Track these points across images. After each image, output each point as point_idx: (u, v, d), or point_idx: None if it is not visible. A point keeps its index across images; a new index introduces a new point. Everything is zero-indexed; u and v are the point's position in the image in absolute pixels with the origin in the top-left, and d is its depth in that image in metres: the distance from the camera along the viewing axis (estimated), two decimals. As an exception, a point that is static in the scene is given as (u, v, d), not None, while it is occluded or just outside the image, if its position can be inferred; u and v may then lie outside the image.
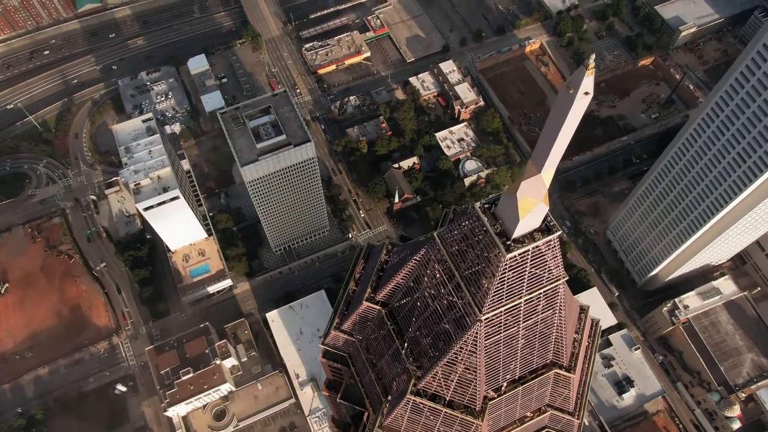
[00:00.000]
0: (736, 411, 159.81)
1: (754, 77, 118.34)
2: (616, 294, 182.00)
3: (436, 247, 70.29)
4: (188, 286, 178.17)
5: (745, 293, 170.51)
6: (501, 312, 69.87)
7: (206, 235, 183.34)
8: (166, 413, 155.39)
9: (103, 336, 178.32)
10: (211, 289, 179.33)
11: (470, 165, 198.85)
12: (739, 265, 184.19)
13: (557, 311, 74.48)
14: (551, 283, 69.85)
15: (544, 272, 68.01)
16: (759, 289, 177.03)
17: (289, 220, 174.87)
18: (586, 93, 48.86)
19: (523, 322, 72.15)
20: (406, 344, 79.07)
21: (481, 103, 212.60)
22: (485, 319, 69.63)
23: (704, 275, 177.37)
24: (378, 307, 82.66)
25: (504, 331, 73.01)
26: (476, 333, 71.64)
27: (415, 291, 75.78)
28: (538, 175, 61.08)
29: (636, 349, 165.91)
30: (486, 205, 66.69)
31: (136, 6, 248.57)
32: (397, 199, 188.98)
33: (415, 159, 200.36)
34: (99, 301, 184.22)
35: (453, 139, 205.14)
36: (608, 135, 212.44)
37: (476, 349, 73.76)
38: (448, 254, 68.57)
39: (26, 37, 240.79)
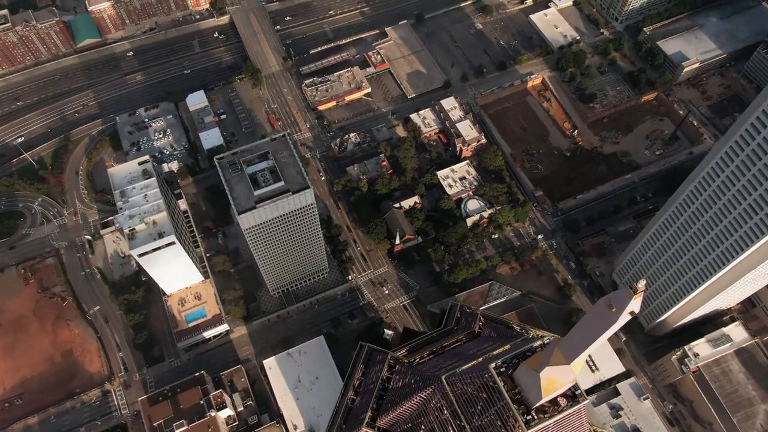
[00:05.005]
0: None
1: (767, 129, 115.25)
2: (623, 339, 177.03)
3: (443, 390, 65.16)
4: (184, 332, 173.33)
5: (756, 340, 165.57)
6: None
7: (203, 278, 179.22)
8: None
9: (96, 383, 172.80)
10: (207, 334, 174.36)
11: (473, 204, 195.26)
12: (749, 308, 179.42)
13: None
14: None
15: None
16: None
17: (288, 264, 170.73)
18: (632, 313, 44.73)
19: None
20: None
21: (483, 140, 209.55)
22: None
23: (713, 319, 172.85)
24: None
25: None
26: None
27: (419, 423, 70.50)
28: (567, 365, 56.43)
29: (645, 399, 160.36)
30: (502, 368, 60.86)
31: (135, 41, 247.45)
32: (398, 241, 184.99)
33: (416, 198, 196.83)
34: (92, 345, 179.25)
35: (455, 178, 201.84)
36: (612, 172, 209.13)
37: None
38: (458, 403, 63.70)
39: (24, 72, 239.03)
